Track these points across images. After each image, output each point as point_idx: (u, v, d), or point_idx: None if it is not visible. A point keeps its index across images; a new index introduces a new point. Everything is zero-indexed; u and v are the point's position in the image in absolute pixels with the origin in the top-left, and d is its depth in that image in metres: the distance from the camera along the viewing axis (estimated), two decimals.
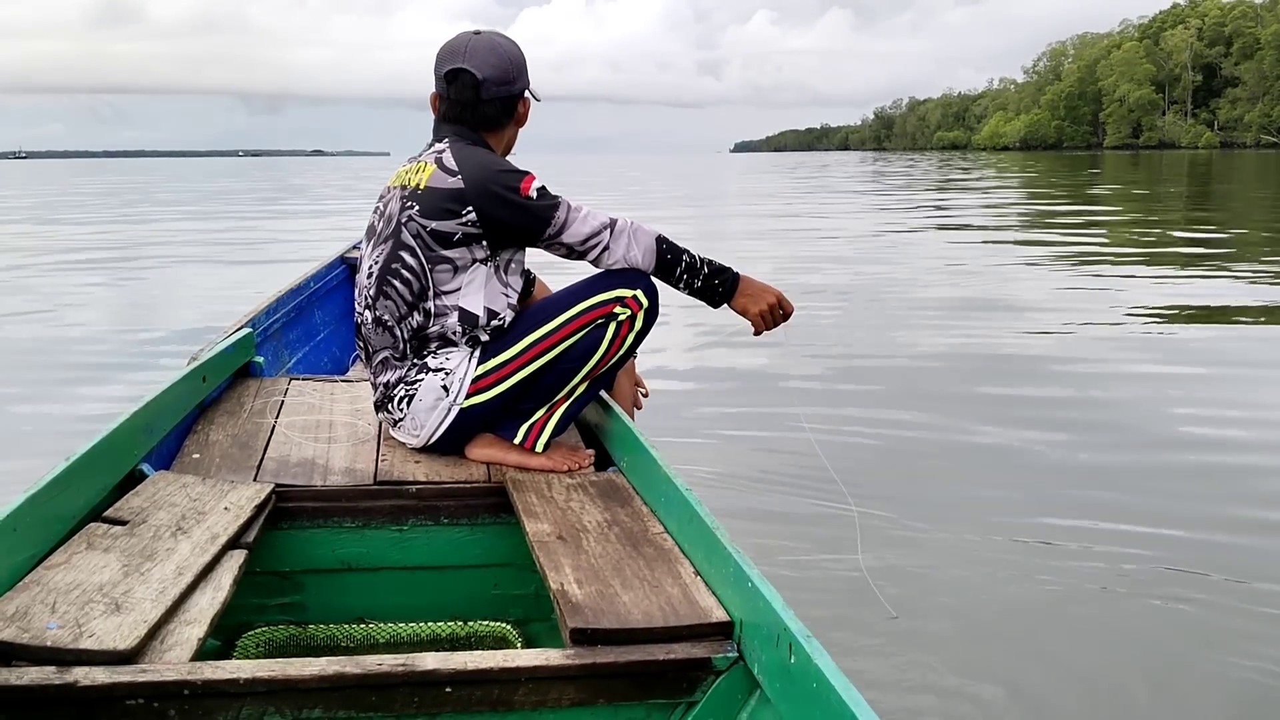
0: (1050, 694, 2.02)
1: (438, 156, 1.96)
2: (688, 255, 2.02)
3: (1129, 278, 8.02)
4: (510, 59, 2.02)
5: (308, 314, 3.43)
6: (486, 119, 2.02)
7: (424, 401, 1.97)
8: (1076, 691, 2.03)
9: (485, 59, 1.99)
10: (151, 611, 1.29)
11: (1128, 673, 2.11)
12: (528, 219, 1.93)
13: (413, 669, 1.22)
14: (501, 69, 2.00)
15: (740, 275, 2.07)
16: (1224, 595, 2.43)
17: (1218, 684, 2.05)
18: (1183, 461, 3.50)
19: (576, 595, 1.40)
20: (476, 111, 2.01)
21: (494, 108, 2.01)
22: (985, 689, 2.02)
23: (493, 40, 2.03)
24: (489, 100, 2.00)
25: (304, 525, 1.80)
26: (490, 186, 1.90)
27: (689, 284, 2.03)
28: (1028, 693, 2.02)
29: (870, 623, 2.25)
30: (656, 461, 1.78)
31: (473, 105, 2.00)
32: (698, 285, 2.03)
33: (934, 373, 4.89)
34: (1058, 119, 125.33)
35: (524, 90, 2.07)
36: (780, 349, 4.79)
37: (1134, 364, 4.99)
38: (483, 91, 1.99)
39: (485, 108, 2.01)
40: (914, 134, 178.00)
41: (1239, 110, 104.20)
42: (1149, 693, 2.03)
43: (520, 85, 2.04)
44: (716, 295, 2.06)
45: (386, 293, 1.97)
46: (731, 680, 1.30)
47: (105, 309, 7.27)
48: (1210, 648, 2.18)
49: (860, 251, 10.37)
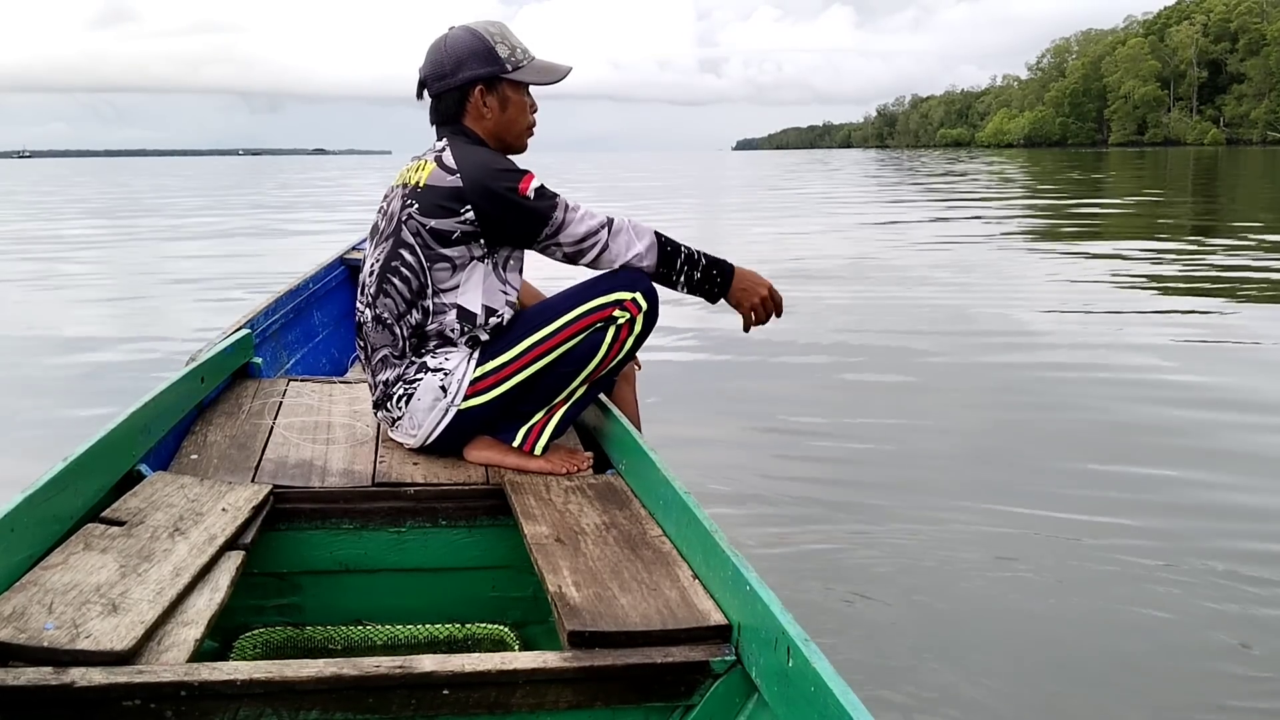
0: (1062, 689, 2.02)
1: (438, 155, 1.96)
2: (685, 249, 2.02)
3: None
4: (449, 51, 1.98)
5: (306, 315, 3.43)
6: (448, 115, 2.02)
7: (422, 401, 1.96)
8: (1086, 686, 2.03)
9: (428, 58, 2.00)
10: (149, 612, 1.29)
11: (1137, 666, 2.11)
12: (525, 218, 1.92)
13: (410, 671, 1.22)
14: (437, 64, 1.99)
15: (736, 267, 2.06)
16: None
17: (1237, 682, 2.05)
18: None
19: (574, 598, 1.39)
20: (439, 109, 2.02)
21: (445, 103, 2.01)
22: (995, 684, 2.02)
23: (446, 35, 2.01)
24: (437, 97, 2.01)
25: (302, 526, 1.79)
26: (488, 185, 1.90)
27: (689, 278, 2.02)
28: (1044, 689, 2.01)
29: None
30: (655, 464, 1.77)
31: (434, 104, 2.02)
32: (697, 279, 2.02)
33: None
34: (1062, 116, 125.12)
35: (471, 80, 1.98)
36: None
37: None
38: (430, 90, 2.01)
39: (440, 104, 2.01)
40: (917, 131, 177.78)
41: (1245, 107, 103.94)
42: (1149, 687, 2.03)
43: (463, 76, 1.98)
44: (715, 288, 2.04)
45: (386, 290, 1.97)
46: (729, 683, 1.29)
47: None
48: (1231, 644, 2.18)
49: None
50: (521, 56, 2.02)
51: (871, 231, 12.83)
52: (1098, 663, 2.12)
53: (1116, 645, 2.20)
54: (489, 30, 2.01)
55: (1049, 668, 2.11)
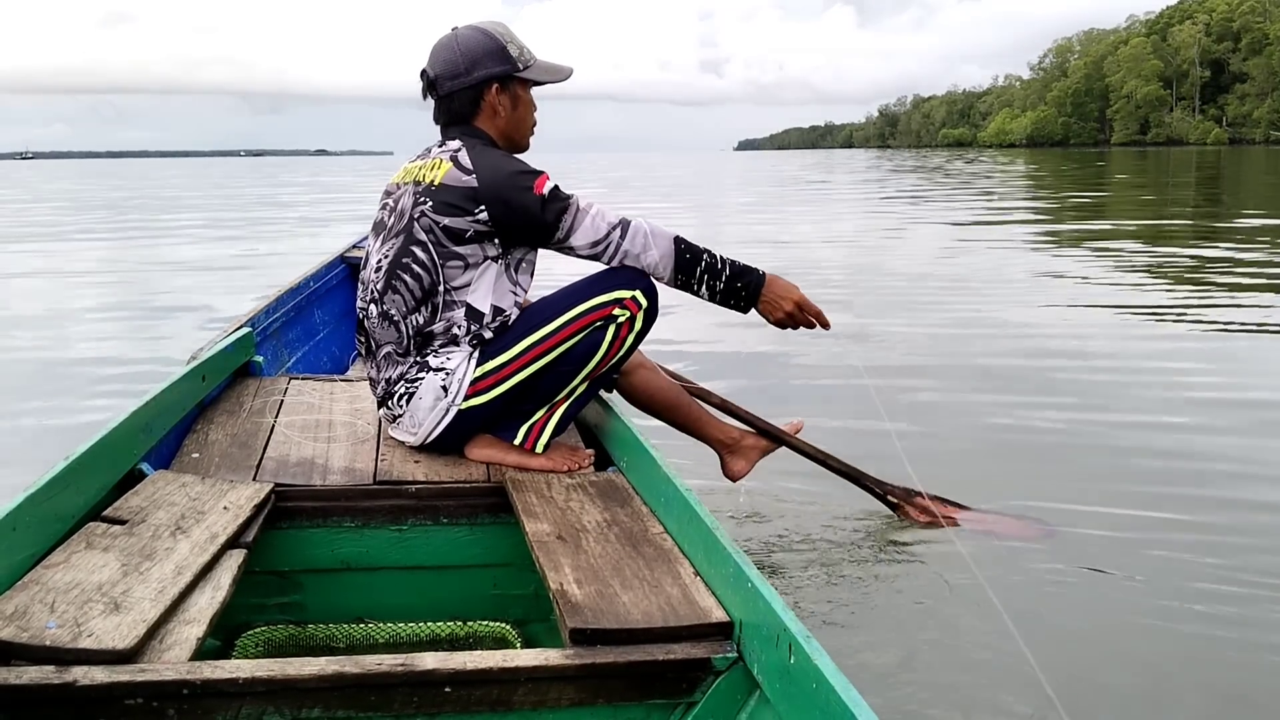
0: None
1: (454, 155, 1.95)
2: (708, 255, 1.98)
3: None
4: (462, 51, 1.99)
5: (307, 313, 3.44)
6: (458, 114, 2.02)
7: (423, 401, 1.97)
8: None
9: (438, 56, 2.00)
10: (150, 611, 1.29)
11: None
12: (539, 219, 1.92)
13: (412, 669, 1.22)
14: (450, 63, 1.99)
15: (766, 276, 2.02)
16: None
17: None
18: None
19: (576, 595, 1.40)
20: (449, 108, 2.02)
21: (457, 101, 2.01)
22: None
23: (455, 35, 2.02)
24: (448, 96, 2.01)
25: (303, 525, 1.80)
26: (503, 186, 1.90)
27: (711, 287, 1.99)
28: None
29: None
30: (656, 461, 1.77)
31: (443, 103, 2.02)
32: (720, 288, 1.99)
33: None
34: (1064, 116, 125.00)
35: (487, 79, 1.99)
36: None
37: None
38: (439, 89, 2.01)
39: (450, 103, 2.01)
40: (919, 131, 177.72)
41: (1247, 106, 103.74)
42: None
43: (478, 75, 1.99)
44: (741, 299, 2.01)
45: (395, 287, 1.96)
46: (731, 680, 1.29)
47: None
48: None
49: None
50: (529, 56, 2.04)
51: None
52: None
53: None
54: (497, 30, 2.02)
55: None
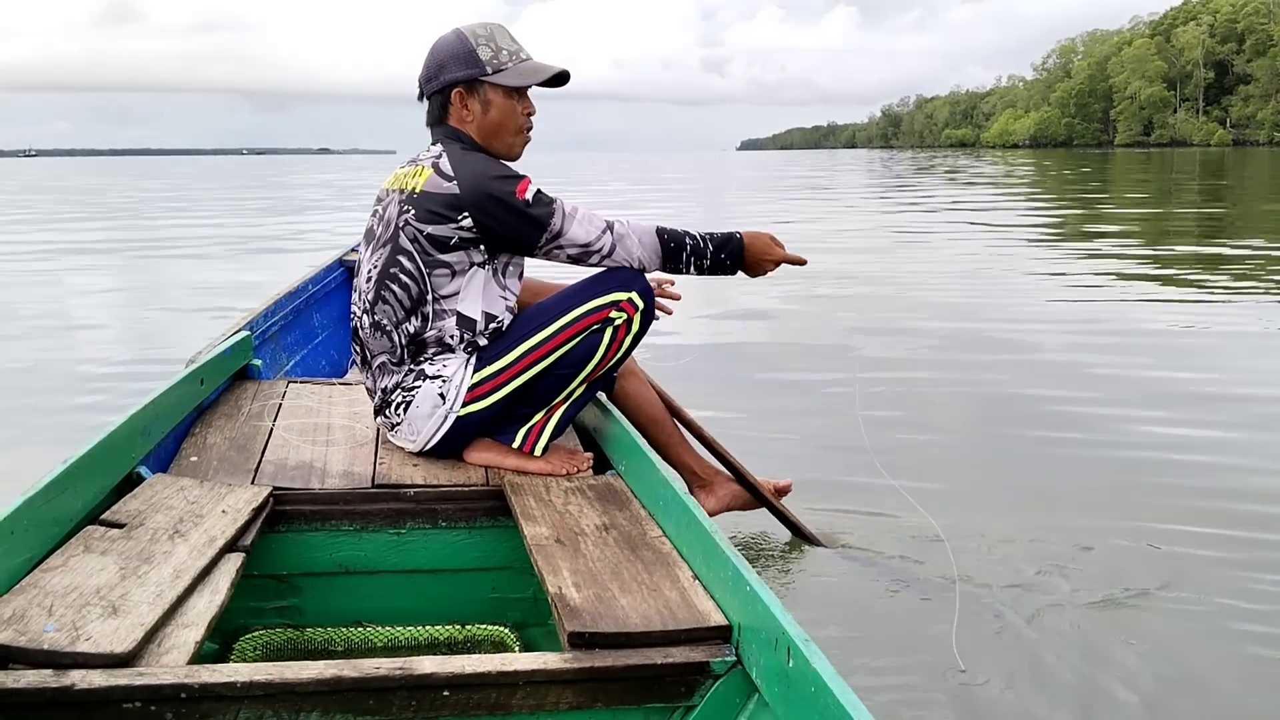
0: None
1: (435, 161, 1.95)
2: (690, 238, 2.03)
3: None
4: (434, 54, 2.00)
5: (306, 317, 3.43)
6: (435, 117, 2.03)
7: (421, 409, 1.96)
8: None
9: (424, 60, 2.02)
10: (149, 614, 1.29)
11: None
12: (523, 225, 1.91)
13: (410, 672, 1.22)
14: (425, 67, 2.01)
15: (743, 240, 2.06)
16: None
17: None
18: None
19: (574, 599, 1.39)
20: (429, 111, 2.03)
21: (433, 105, 2.02)
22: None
23: (440, 38, 2.02)
24: (426, 99, 2.03)
25: (302, 528, 1.79)
26: (485, 193, 1.89)
27: (699, 267, 2.05)
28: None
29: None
30: (655, 465, 1.77)
31: (428, 106, 2.03)
32: (706, 265, 2.05)
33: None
34: (1068, 116, 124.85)
35: (450, 84, 1.96)
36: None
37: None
38: (423, 91, 2.02)
39: (430, 106, 2.03)
40: (922, 132, 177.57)
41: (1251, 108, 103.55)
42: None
43: (444, 79, 1.97)
44: (726, 267, 2.07)
45: (384, 297, 1.96)
46: (730, 684, 1.29)
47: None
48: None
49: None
50: (507, 59, 1.96)
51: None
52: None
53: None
54: (476, 32, 1.98)
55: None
